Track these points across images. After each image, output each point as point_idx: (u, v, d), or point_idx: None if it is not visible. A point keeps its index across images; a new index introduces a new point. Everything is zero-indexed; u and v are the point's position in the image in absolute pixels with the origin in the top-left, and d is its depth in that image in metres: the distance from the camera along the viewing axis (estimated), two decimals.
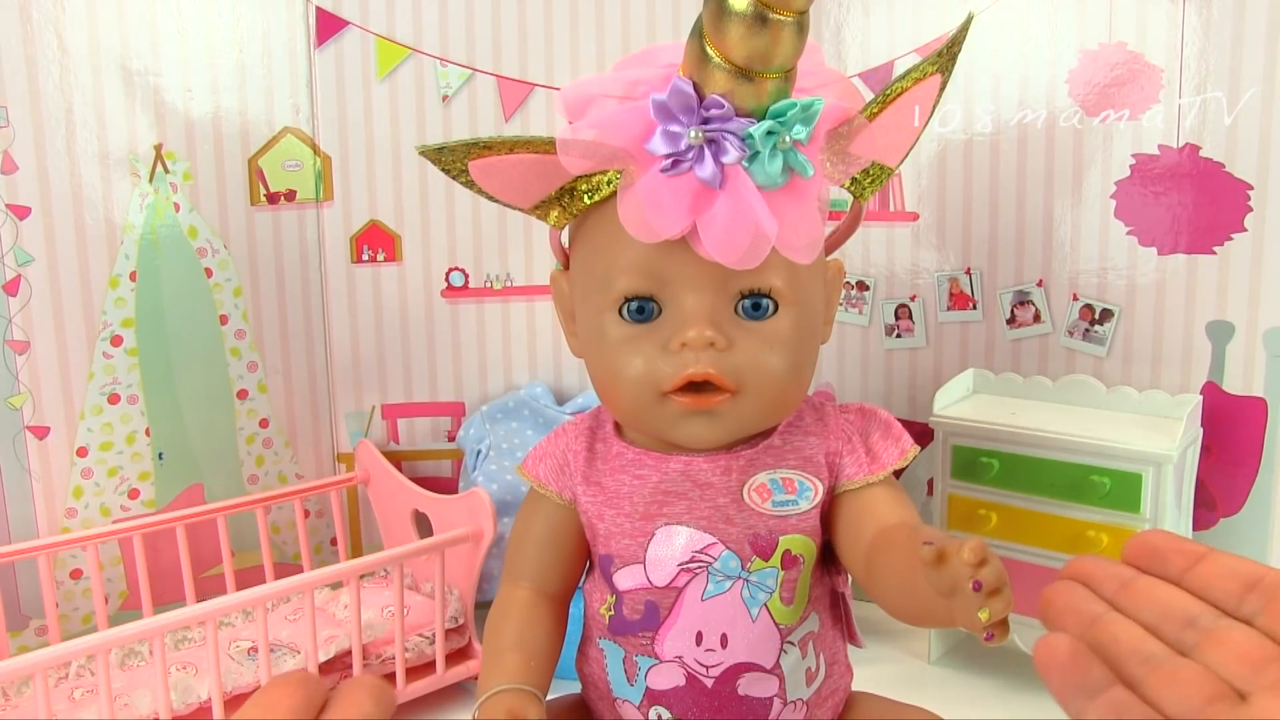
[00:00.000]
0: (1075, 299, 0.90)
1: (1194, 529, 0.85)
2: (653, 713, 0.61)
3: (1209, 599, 0.34)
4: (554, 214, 0.58)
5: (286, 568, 1.01)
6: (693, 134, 0.53)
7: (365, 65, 0.99)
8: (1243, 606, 0.34)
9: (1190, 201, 0.84)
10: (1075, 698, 0.34)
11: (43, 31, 0.87)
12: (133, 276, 0.93)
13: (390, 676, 0.83)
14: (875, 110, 0.56)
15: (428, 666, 0.85)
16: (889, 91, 0.56)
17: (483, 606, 0.74)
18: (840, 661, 0.65)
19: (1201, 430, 0.84)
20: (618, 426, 0.64)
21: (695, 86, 0.53)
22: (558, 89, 0.93)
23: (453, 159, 0.56)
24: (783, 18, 0.50)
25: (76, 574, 0.93)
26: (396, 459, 1.04)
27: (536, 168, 0.56)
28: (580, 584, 0.66)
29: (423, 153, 0.57)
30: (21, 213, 0.88)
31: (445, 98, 1.01)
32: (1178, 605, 0.35)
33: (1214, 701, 0.31)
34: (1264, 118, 0.80)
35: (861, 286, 1.00)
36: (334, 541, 1.03)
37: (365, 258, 1.02)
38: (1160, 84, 0.84)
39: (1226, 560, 0.35)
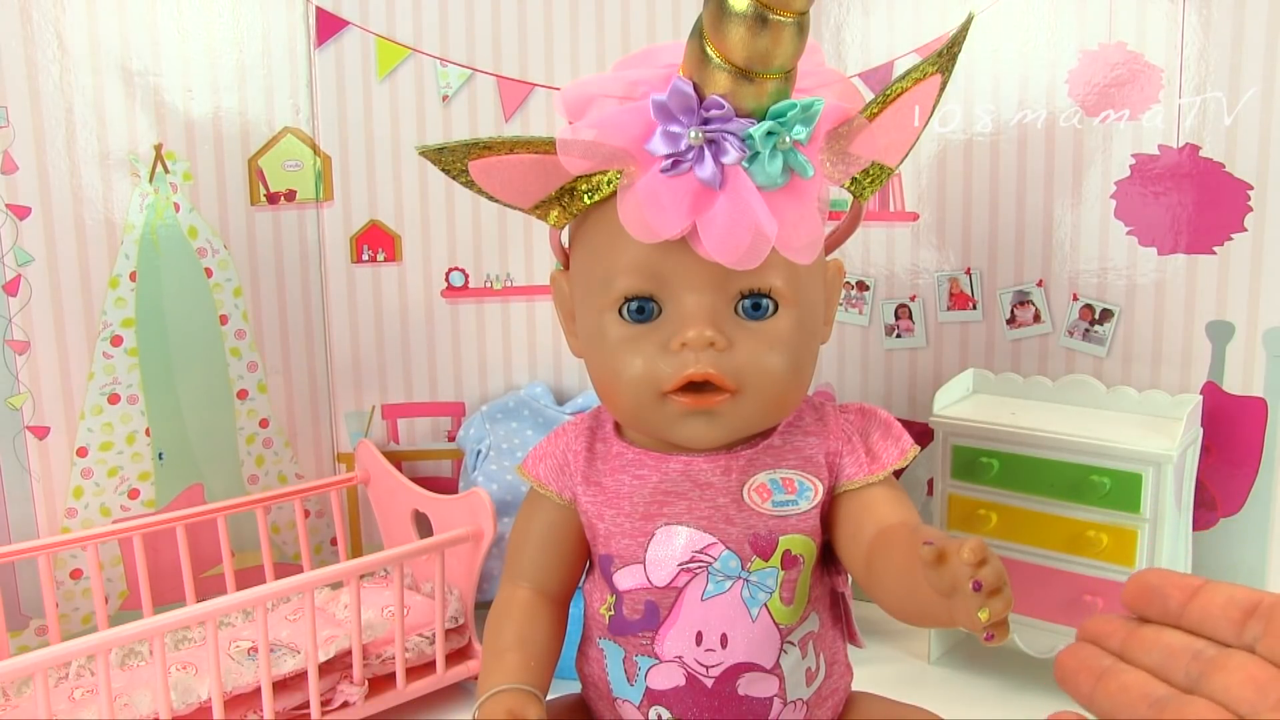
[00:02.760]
0: (1075, 299, 0.90)
1: (1194, 529, 0.85)
2: (653, 713, 0.61)
3: (1210, 630, 0.35)
4: (554, 214, 0.58)
5: (286, 568, 1.01)
6: (693, 134, 0.53)
7: (365, 65, 0.99)
8: (1244, 634, 0.34)
9: (1190, 201, 0.84)
10: None
11: (43, 31, 0.87)
12: (133, 276, 0.93)
13: (390, 676, 0.83)
14: (875, 110, 0.56)
15: (428, 666, 0.85)
16: (889, 91, 0.56)
17: (483, 606, 0.74)
18: (840, 661, 0.65)
19: (1201, 430, 0.84)
20: (618, 426, 0.63)
21: (695, 87, 0.53)
22: (558, 89, 0.93)
23: (453, 159, 0.56)
24: (783, 18, 0.50)
25: (76, 574, 0.93)
26: (396, 459, 1.04)
27: (536, 168, 0.56)
28: (580, 584, 0.66)
29: (423, 153, 0.57)
30: (21, 213, 0.88)
31: (445, 98, 1.01)
32: (1181, 643, 0.35)
33: None
34: (1264, 118, 0.80)
35: (861, 286, 1.00)
36: (334, 541, 1.03)
37: (365, 258, 1.02)
38: (1160, 84, 0.84)
39: (1223, 589, 0.35)
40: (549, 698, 0.61)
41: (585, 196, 0.57)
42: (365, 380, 1.04)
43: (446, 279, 1.04)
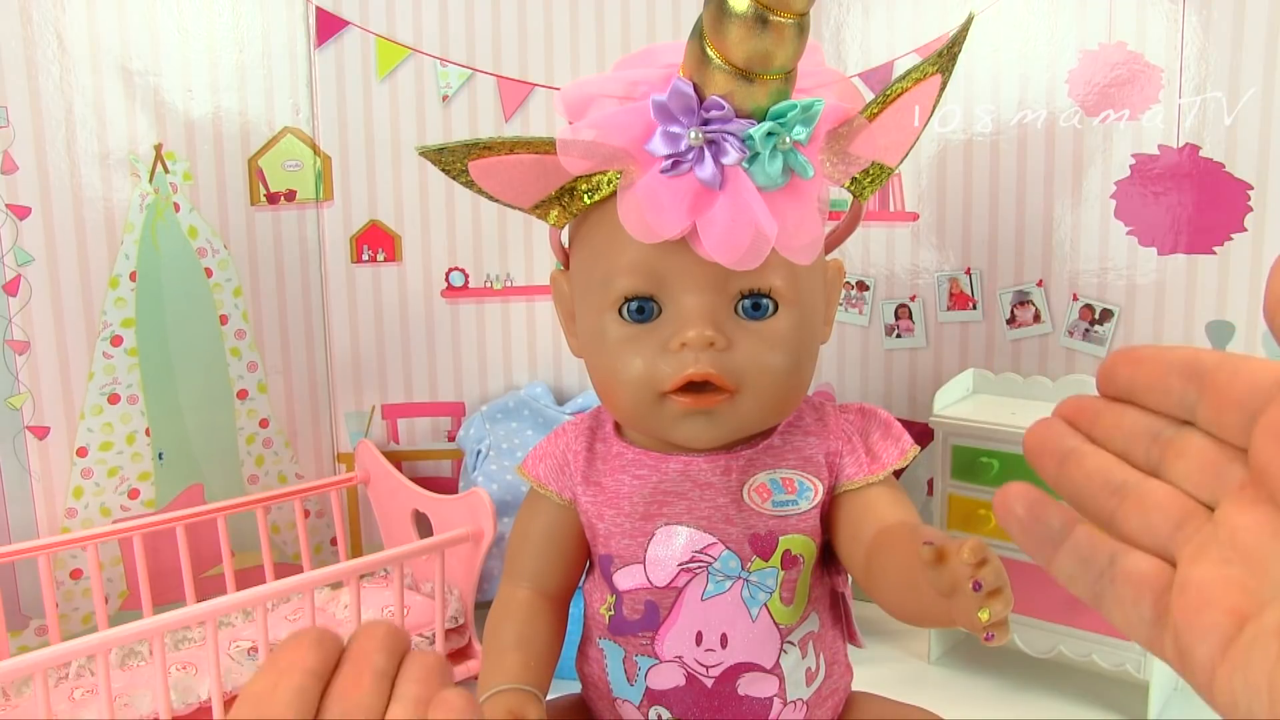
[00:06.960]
0: (1075, 299, 0.90)
1: None
2: (653, 713, 0.61)
3: (1159, 403, 0.32)
4: (554, 214, 0.58)
5: (286, 568, 1.01)
6: (693, 135, 0.53)
7: (365, 65, 0.99)
8: (1185, 402, 0.32)
9: (1190, 201, 0.84)
10: (1040, 549, 0.33)
11: (43, 31, 0.87)
12: (133, 276, 0.93)
13: None
14: (875, 110, 0.56)
15: None
16: (889, 92, 0.56)
17: (483, 606, 0.74)
18: (840, 661, 0.65)
19: None
20: (618, 426, 0.63)
21: (695, 87, 0.53)
22: (558, 89, 0.93)
23: (453, 159, 0.56)
24: (783, 19, 0.50)
25: (76, 574, 0.93)
26: (396, 459, 1.04)
27: (536, 168, 0.56)
28: (580, 584, 0.66)
29: (423, 153, 0.57)
30: (21, 213, 0.88)
31: (445, 98, 1.01)
32: (1142, 425, 0.33)
33: (1182, 525, 0.31)
34: (1264, 118, 0.80)
35: (861, 286, 1.00)
36: (334, 541, 1.03)
37: (365, 258, 1.02)
38: (1160, 84, 0.84)
39: (1161, 354, 0.33)
40: (549, 698, 0.61)
41: (585, 196, 0.57)
42: (365, 380, 1.04)
43: (446, 279, 1.04)
